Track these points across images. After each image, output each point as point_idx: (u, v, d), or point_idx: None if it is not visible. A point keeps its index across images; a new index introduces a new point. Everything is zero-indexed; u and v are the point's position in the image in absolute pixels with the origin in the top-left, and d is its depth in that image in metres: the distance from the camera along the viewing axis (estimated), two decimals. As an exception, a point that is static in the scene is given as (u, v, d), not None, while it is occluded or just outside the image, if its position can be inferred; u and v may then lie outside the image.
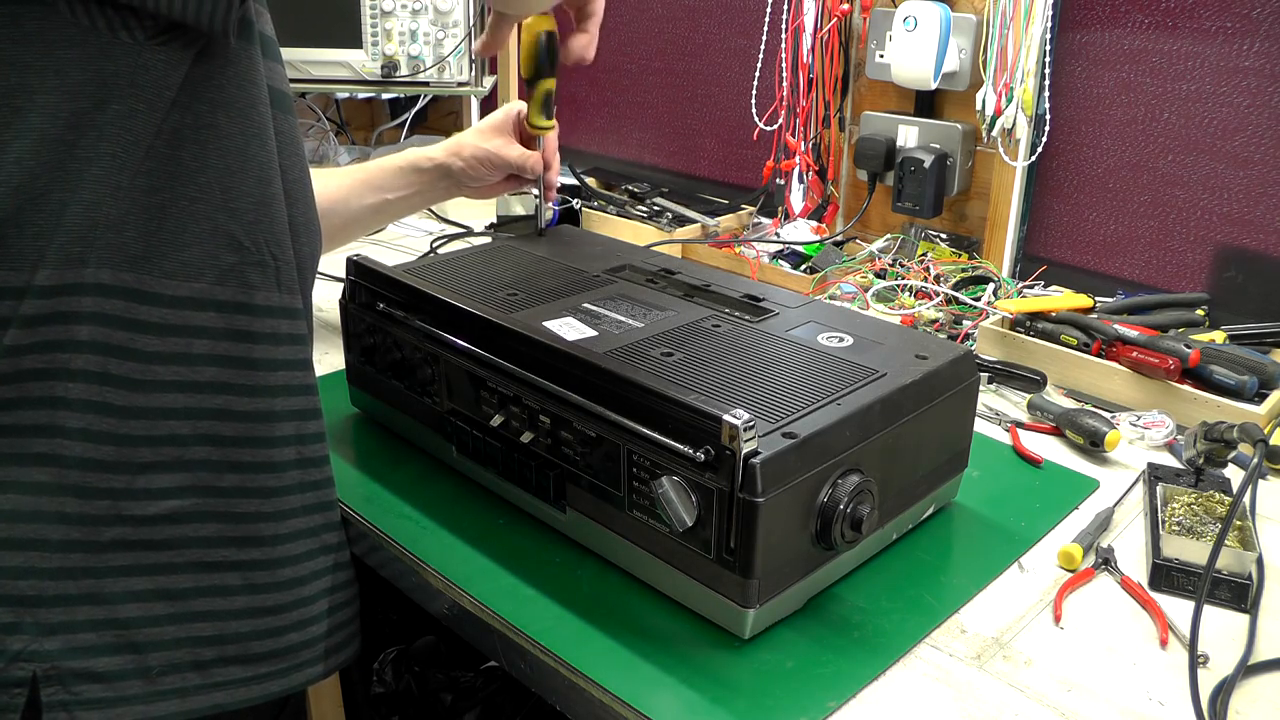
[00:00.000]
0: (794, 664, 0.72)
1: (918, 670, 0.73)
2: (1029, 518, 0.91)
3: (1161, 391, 1.10)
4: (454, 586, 0.81)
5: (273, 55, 0.71)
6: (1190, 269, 1.37)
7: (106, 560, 0.67)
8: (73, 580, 0.67)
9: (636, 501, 0.76)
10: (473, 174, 1.14)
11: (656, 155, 2.00)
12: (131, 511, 0.67)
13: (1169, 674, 0.73)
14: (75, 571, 0.67)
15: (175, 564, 0.70)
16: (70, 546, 0.66)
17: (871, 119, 1.57)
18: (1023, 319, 1.23)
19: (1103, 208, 1.43)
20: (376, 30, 1.78)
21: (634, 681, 0.70)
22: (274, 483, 0.73)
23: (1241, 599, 0.80)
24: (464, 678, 1.57)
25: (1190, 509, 0.89)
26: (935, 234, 1.55)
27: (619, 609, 0.78)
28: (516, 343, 0.83)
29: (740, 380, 0.79)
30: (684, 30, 1.87)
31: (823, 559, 0.76)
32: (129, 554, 0.68)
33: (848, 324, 0.91)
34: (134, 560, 0.68)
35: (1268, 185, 1.28)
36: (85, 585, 0.67)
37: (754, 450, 0.68)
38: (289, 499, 0.74)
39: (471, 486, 0.94)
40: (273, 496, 0.73)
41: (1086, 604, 0.81)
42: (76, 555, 0.66)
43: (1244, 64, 1.27)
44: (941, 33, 1.41)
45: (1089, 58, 1.39)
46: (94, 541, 0.67)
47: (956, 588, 0.82)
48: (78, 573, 0.67)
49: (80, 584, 0.67)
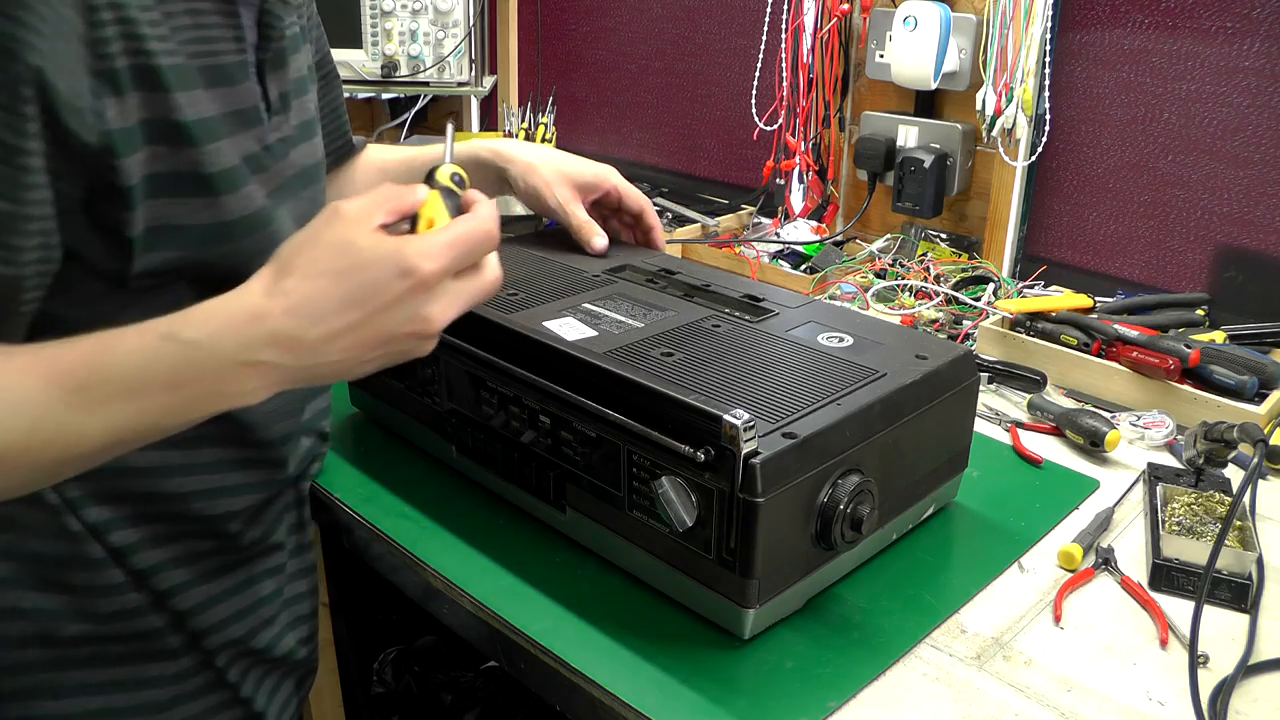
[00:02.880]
0: (794, 664, 0.72)
1: (918, 670, 0.73)
2: (1029, 518, 0.91)
3: (1161, 391, 1.10)
4: (454, 586, 0.81)
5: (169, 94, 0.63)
6: (1190, 269, 1.37)
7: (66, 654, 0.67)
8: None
9: (636, 501, 0.76)
10: (524, 199, 1.07)
11: (656, 155, 2.00)
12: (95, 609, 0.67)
13: (1169, 674, 0.73)
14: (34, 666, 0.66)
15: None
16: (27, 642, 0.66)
17: (871, 119, 1.57)
18: (1023, 319, 1.23)
19: (1103, 208, 1.43)
20: (376, 30, 1.78)
21: (634, 681, 0.70)
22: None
23: (1241, 599, 0.79)
24: (464, 678, 1.57)
25: (1190, 509, 0.89)
26: (935, 234, 1.55)
27: (619, 609, 0.78)
28: (516, 342, 0.83)
29: (740, 380, 0.79)
30: (684, 30, 1.87)
31: (823, 559, 0.76)
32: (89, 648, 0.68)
33: (848, 324, 0.91)
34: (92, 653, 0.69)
35: (1268, 185, 1.28)
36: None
37: (754, 450, 0.68)
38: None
39: (471, 486, 0.94)
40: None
41: (1086, 604, 0.81)
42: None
43: (1244, 64, 1.27)
44: (941, 33, 1.41)
45: (1089, 58, 1.39)
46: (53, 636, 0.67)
47: (956, 588, 0.82)
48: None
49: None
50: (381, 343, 0.58)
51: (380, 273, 0.56)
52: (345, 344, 0.57)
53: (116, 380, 0.55)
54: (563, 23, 2.07)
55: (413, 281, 0.56)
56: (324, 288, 0.56)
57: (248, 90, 0.70)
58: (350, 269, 0.56)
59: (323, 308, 0.56)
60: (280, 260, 0.58)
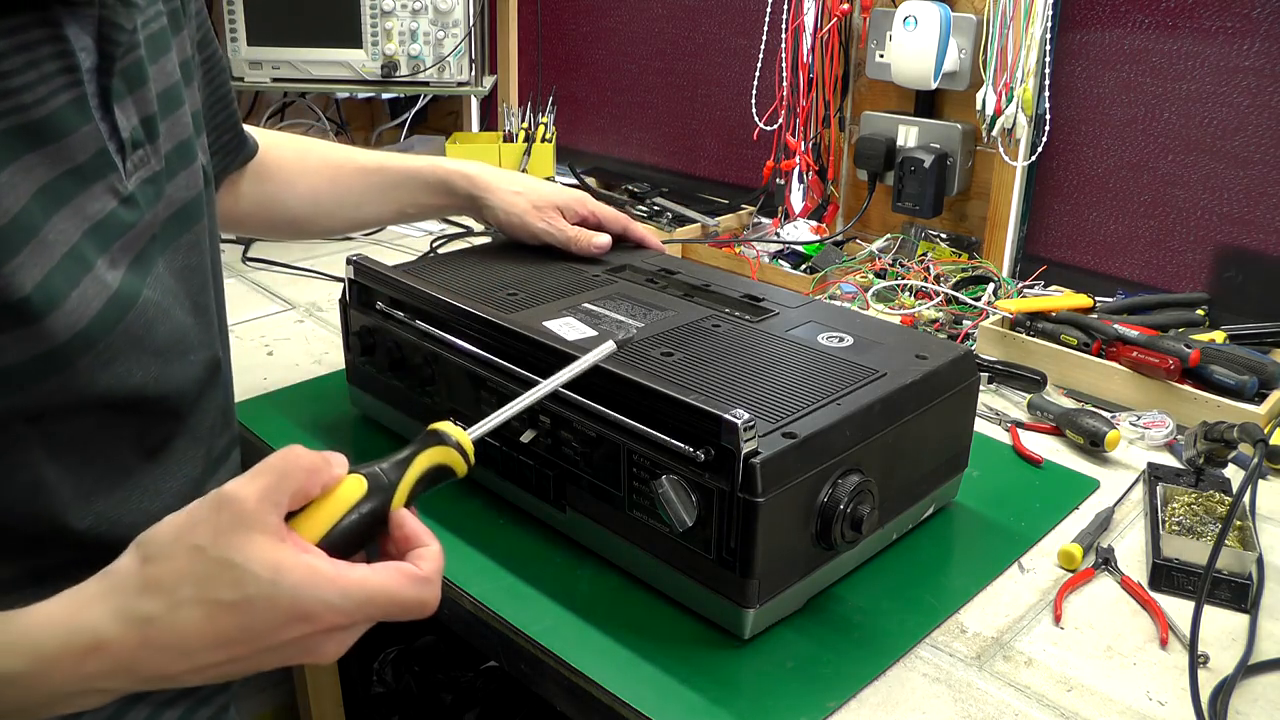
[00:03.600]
0: (794, 664, 0.72)
1: (918, 670, 0.73)
2: (1029, 518, 0.91)
3: (1161, 391, 1.10)
4: (454, 586, 0.81)
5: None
6: (1190, 269, 1.37)
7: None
8: None
9: (636, 501, 0.76)
10: (506, 229, 1.06)
11: (656, 155, 2.00)
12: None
13: (1169, 674, 0.73)
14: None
15: None
16: None
17: (871, 119, 1.57)
18: (1023, 319, 1.23)
19: (1103, 208, 1.43)
20: (376, 30, 1.78)
21: (634, 681, 0.70)
22: None
23: (1241, 599, 0.80)
24: (464, 678, 1.57)
25: (1190, 509, 0.89)
26: (935, 234, 1.55)
27: (619, 609, 0.78)
28: (516, 342, 0.83)
29: (740, 380, 0.79)
30: (684, 30, 1.87)
31: (823, 559, 0.76)
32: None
33: (848, 324, 0.91)
34: None
35: (1268, 185, 1.28)
36: None
37: (754, 450, 0.68)
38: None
39: (472, 487, 0.94)
40: None
41: (1086, 604, 0.81)
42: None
43: (1244, 64, 1.27)
44: (941, 33, 1.41)
45: (1089, 58, 1.39)
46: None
47: (956, 588, 0.82)
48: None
49: None
50: (258, 667, 0.50)
51: (271, 617, 0.47)
52: (214, 674, 0.49)
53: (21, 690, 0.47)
54: (563, 23, 2.07)
55: (309, 629, 0.49)
56: (197, 623, 0.47)
57: (86, 136, 0.55)
58: (234, 605, 0.47)
59: (192, 645, 0.47)
60: (143, 570, 0.48)
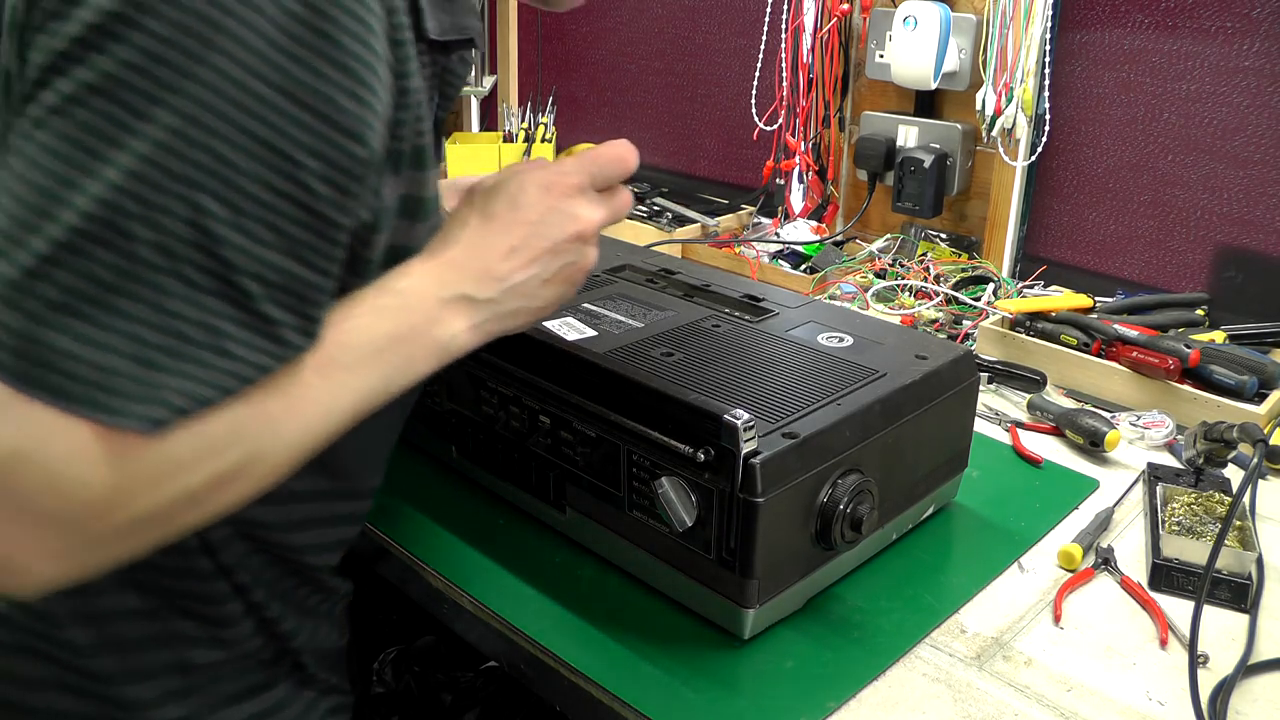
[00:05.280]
0: (794, 664, 0.72)
1: (918, 670, 0.73)
2: (1029, 518, 0.91)
3: (1161, 391, 1.10)
4: (454, 587, 0.81)
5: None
6: (1190, 269, 1.37)
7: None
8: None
9: (636, 501, 0.76)
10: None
11: (656, 155, 2.00)
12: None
13: (1169, 674, 0.73)
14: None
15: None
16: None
17: (871, 119, 1.57)
18: (1023, 319, 1.23)
19: (1103, 208, 1.43)
20: (376, 30, 1.77)
21: (634, 681, 0.70)
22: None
23: (1241, 599, 0.79)
24: (464, 678, 1.57)
25: (1190, 509, 0.89)
26: (935, 234, 1.55)
27: (619, 609, 0.78)
28: (516, 342, 0.83)
29: (740, 380, 0.79)
30: (684, 30, 1.87)
31: (823, 559, 0.76)
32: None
33: (848, 324, 0.91)
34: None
35: (1268, 185, 1.28)
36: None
37: (754, 450, 0.68)
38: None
39: (471, 486, 0.94)
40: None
41: (1086, 604, 0.81)
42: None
43: (1244, 64, 1.27)
44: (941, 33, 1.41)
45: (1089, 58, 1.39)
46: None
47: (956, 588, 0.82)
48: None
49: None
50: (550, 252, 0.65)
51: (528, 194, 0.65)
52: (521, 260, 0.64)
53: (356, 345, 0.57)
54: (563, 23, 2.07)
55: (555, 192, 0.66)
56: (493, 225, 0.65)
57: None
58: (508, 204, 0.65)
59: (493, 239, 0.64)
60: (460, 211, 0.66)
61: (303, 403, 0.54)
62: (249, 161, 0.47)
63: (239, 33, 0.46)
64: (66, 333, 0.45)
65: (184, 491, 0.50)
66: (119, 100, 0.45)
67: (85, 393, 0.45)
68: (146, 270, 0.46)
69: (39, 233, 0.45)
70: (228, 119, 0.46)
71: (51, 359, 0.45)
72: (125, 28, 0.45)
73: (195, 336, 0.47)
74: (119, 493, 0.47)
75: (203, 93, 0.46)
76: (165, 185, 0.46)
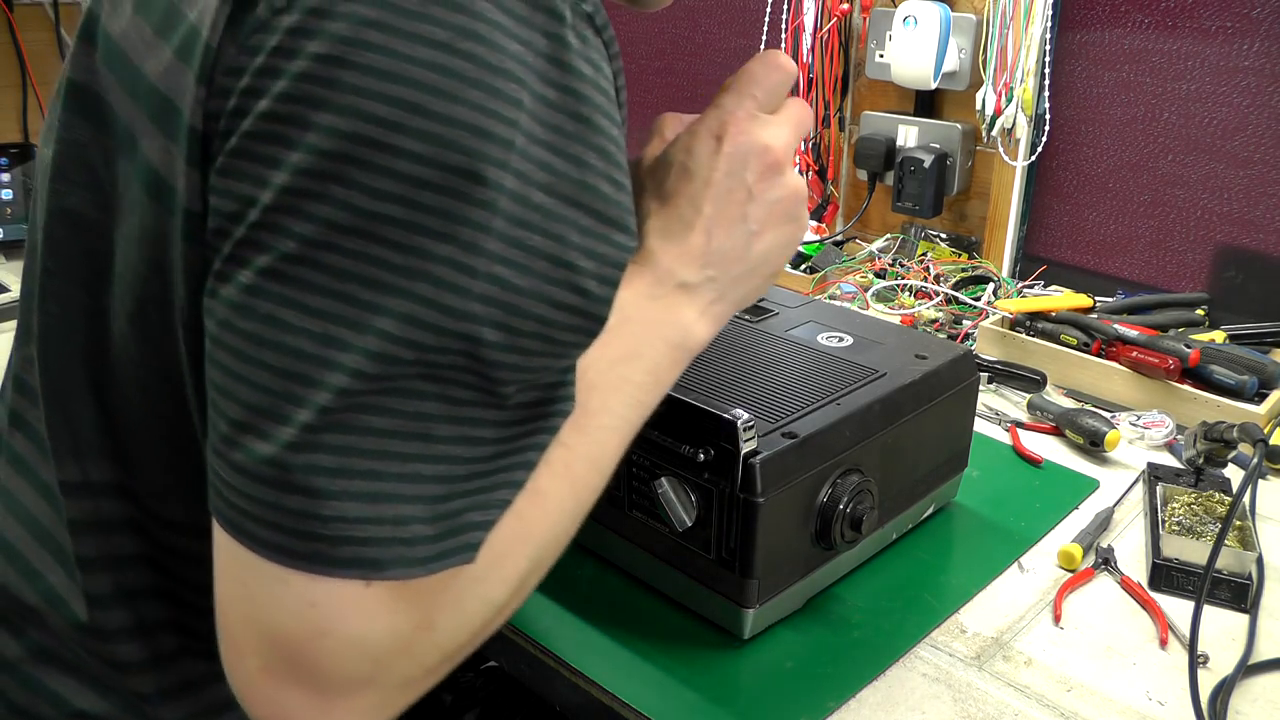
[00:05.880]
0: (794, 664, 0.72)
1: (918, 670, 0.73)
2: (1029, 518, 0.91)
3: (1161, 391, 1.10)
4: (454, 586, 0.81)
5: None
6: (1190, 269, 1.37)
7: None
8: None
9: (636, 501, 0.76)
10: None
11: (656, 155, 2.00)
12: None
13: (1169, 674, 0.73)
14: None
15: None
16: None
17: (871, 119, 1.57)
18: (1023, 319, 1.23)
19: (1103, 208, 1.43)
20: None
21: (634, 681, 0.70)
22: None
23: (1241, 599, 0.79)
24: (464, 678, 1.57)
25: (1190, 509, 0.89)
26: (935, 234, 1.55)
27: (619, 609, 0.78)
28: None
29: (740, 380, 0.79)
30: (684, 30, 1.87)
31: (822, 559, 0.76)
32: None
33: (847, 324, 0.91)
34: None
35: (1268, 185, 1.28)
36: None
37: (754, 450, 0.68)
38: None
39: (471, 486, 0.93)
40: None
41: (1086, 604, 0.81)
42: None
43: (1244, 64, 1.27)
44: (941, 32, 1.41)
45: (1089, 58, 1.39)
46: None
47: (956, 588, 0.82)
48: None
49: None
50: (747, 201, 0.58)
51: (697, 155, 0.59)
52: (720, 226, 0.57)
53: (599, 386, 0.52)
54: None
55: (727, 137, 0.58)
56: (674, 203, 0.58)
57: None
58: (680, 176, 0.59)
59: (681, 217, 0.58)
60: (637, 203, 0.58)
61: (569, 467, 0.50)
62: (529, 280, 0.42)
63: (505, 135, 0.40)
64: (353, 499, 0.40)
65: (486, 603, 0.47)
66: (379, 239, 0.39)
67: (389, 554, 0.41)
68: (420, 420, 0.41)
69: (304, 404, 0.40)
70: (506, 238, 0.41)
71: (343, 531, 0.40)
72: (374, 152, 0.39)
73: (464, 454, 0.43)
74: (422, 629, 0.44)
75: (477, 214, 0.40)
76: (444, 326, 0.40)
